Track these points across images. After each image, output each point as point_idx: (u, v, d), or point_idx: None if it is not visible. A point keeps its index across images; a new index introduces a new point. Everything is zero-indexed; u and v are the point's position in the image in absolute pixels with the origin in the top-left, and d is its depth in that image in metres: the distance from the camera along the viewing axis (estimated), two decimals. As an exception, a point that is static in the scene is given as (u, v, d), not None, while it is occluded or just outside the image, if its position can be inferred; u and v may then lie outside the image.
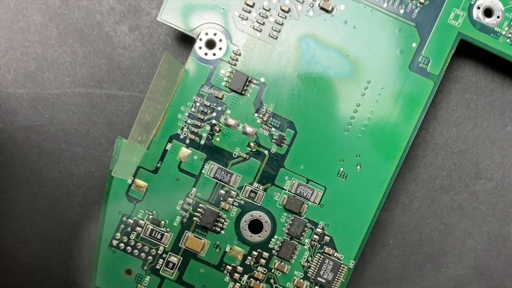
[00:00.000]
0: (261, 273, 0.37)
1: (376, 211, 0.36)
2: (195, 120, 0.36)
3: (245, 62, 0.36)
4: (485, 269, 0.40)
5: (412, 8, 0.36)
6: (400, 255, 0.40)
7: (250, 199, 0.36)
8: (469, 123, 0.39)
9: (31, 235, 0.40)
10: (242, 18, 0.36)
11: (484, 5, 0.36)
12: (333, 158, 0.36)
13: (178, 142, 0.36)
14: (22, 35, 0.39)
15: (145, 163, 0.36)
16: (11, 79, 0.39)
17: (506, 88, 0.39)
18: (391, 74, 0.36)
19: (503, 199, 0.39)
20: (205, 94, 0.36)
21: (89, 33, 0.39)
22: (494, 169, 0.39)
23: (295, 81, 0.36)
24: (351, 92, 0.36)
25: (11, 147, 0.39)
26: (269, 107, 0.36)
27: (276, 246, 0.37)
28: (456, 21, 0.36)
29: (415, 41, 0.36)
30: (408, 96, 0.36)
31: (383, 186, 0.36)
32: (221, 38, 0.36)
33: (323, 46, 0.36)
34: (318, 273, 0.36)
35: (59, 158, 0.40)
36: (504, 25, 0.36)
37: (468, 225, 0.40)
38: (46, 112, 0.39)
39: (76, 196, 0.40)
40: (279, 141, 0.36)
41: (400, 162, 0.36)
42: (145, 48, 0.39)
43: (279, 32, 0.36)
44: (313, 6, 0.36)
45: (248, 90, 0.36)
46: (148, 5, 0.39)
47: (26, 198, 0.40)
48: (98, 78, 0.39)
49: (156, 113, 0.35)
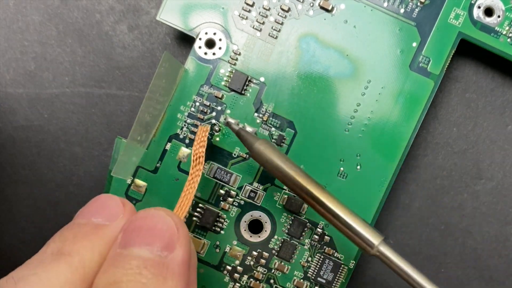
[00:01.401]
0: (261, 273, 0.37)
1: (377, 211, 0.36)
2: (194, 119, 0.36)
3: (245, 62, 0.36)
4: (485, 269, 0.40)
5: (413, 8, 0.36)
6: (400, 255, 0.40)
7: (250, 199, 0.36)
8: (470, 123, 0.39)
9: (31, 235, 0.40)
10: (242, 18, 0.36)
11: (485, 4, 0.36)
12: (333, 158, 0.36)
13: (177, 142, 0.36)
14: (21, 34, 0.39)
15: (144, 163, 0.36)
16: (10, 78, 0.39)
17: (506, 87, 0.39)
18: (392, 74, 0.36)
19: (504, 199, 0.39)
20: (204, 94, 0.36)
21: (89, 32, 0.39)
22: (495, 169, 0.39)
23: (295, 80, 0.36)
24: (351, 92, 0.36)
25: (10, 147, 0.39)
26: (269, 107, 0.36)
27: (276, 246, 0.37)
28: (456, 20, 0.36)
29: (415, 41, 0.36)
30: (408, 95, 0.36)
31: (383, 186, 0.36)
32: (221, 38, 0.36)
33: (323, 45, 0.36)
34: (318, 273, 0.36)
35: (58, 158, 0.39)
36: (504, 25, 0.36)
37: (468, 225, 0.40)
38: (45, 112, 0.39)
39: (76, 196, 0.40)
40: (279, 141, 0.36)
41: (401, 162, 0.36)
42: (144, 48, 0.39)
43: (279, 32, 0.36)
44: (313, 6, 0.36)
45: (248, 89, 0.36)
46: (147, 4, 0.39)
47: (26, 198, 0.40)
48: (98, 78, 0.39)
49: (155, 113, 0.35)
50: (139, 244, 0.26)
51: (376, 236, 0.31)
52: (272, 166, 0.32)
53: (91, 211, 0.28)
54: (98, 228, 0.27)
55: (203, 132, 0.35)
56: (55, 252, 0.25)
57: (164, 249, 0.26)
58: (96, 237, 0.26)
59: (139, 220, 0.27)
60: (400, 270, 0.31)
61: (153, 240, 0.26)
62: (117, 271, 0.25)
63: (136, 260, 0.25)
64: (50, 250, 0.26)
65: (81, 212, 0.28)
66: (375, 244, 0.30)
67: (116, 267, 0.25)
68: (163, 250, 0.26)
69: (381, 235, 0.31)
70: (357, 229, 0.31)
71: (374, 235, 0.31)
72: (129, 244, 0.26)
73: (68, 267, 0.25)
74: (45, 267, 0.24)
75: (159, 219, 0.27)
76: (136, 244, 0.26)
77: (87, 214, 0.28)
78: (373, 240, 0.30)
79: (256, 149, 0.33)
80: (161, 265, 0.25)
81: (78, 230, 0.27)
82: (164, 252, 0.26)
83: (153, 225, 0.27)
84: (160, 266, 0.25)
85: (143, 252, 0.25)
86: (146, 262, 0.25)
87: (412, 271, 0.30)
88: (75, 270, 0.25)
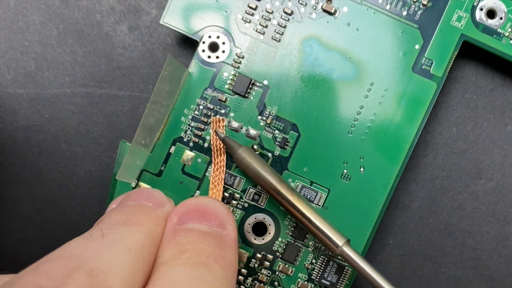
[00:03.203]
0: (265, 276, 0.37)
1: (380, 213, 0.36)
2: (198, 123, 0.36)
3: (248, 65, 0.36)
4: (485, 269, 0.40)
5: (415, 10, 0.36)
6: (400, 255, 0.40)
7: (254, 202, 0.36)
8: (469, 123, 0.39)
9: (31, 235, 0.40)
10: (245, 21, 0.36)
11: (487, 6, 0.36)
12: (336, 160, 0.36)
13: (181, 145, 0.36)
14: (21, 35, 0.39)
15: (149, 166, 0.36)
16: (10, 79, 0.39)
17: (506, 88, 0.39)
18: (394, 76, 0.36)
19: (503, 199, 0.40)
20: (208, 97, 0.36)
21: (89, 33, 0.39)
22: (495, 169, 0.40)
23: (298, 83, 0.36)
24: (354, 94, 0.36)
25: (11, 147, 0.39)
26: (272, 110, 0.36)
27: (280, 248, 0.37)
28: (459, 22, 0.36)
29: (418, 43, 0.36)
30: (411, 98, 0.36)
31: (386, 188, 0.36)
32: (224, 41, 0.36)
33: (326, 48, 0.36)
34: (322, 275, 0.37)
35: (59, 158, 0.39)
36: (507, 26, 0.36)
37: (468, 225, 0.40)
38: (46, 112, 0.39)
39: (76, 196, 0.40)
40: (282, 143, 0.36)
41: (404, 164, 0.36)
42: (144, 48, 0.39)
43: (282, 35, 0.36)
44: (316, 9, 0.36)
45: (252, 92, 0.36)
46: (147, 4, 0.39)
47: (26, 198, 0.40)
48: (98, 78, 0.39)
49: (159, 116, 0.35)
50: (197, 221, 0.29)
51: (341, 238, 0.34)
52: (251, 171, 0.35)
53: (140, 197, 0.30)
54: (154, 209, 0.29)
55: (218, 123, 0.36)
56: (121, 221, 0.27)
57: (218, 226, 0.29)
58: (155, 215, 0.29)
59: (192, 204, 0.30)
60: (360, 269, 0.33)
61: (209, 217, 0.29)
62: (180, 240, 0.27)
63: (196, 232, 0.28)
64: (114, 220, 0.27)
65: (128, 197, 0.30)
66: (339, 244, 0.34)
67: (178, 239, 0.27)
68: (218, 227, 0.29)
69: (345, 238, 0.34)
70: (325, 231, 0.34)
71: (339, 237, 0.34)
72: (186, 221, 0.29)
73: (141, 231, 0.27)
74: (122, 228, 0.26)
75: (210, 203, 0.30)
76: (194, 221, 0.29)
77: (137, 199, 0.30)
78: (338, 242, 0.34)
79: (238, 156, 0.35)
80: (220, 237, 0.28)
81: (135, 208, 0.29)
82: (219, 228, 0.29)
83: (206, 207, 0.30)
84: (218, 238, 0.28)
85: (201, 227, 0.28)
86: (206, 234, 0.28)
87: (370, 270, 0.33)
88: (146, 235, 0.27)
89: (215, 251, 0.27)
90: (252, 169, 0.35)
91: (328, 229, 0.34)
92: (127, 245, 0.25)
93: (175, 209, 0.30)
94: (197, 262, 0.26)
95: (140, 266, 0.25)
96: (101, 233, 0.25)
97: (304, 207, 0.34)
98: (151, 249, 0.27)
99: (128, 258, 0.25)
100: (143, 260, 0.26)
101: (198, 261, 0.26)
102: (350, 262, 0.34)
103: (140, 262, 0.25)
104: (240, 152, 0.35)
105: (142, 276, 0.25)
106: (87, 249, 0.24)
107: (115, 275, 0.23)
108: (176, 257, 0.26)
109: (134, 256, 0.25)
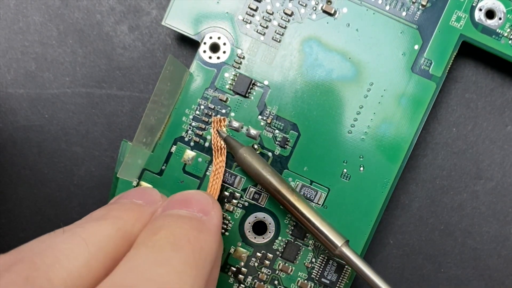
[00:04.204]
0: (265, 275, 0.37)
1: (380, 212, 0.36)
2: (199, 122, 0.36)
3: (249, 65, 0.36)
4: (485, 269, 0.40)
5: (414, 11, 0.36)
6: (400, 255, 0.40)
7: (254, 201, 0.37)
8: (469, 123, 0.40)
9: (31, 235, 0.40)
10: (245, 22, 0.36)
11: (486, 7, 0.36)
12: (336, 159, 0.36)
13: (182, 145, 0.36)
14: (22, 35, 0.39)
15: (150, 166, 0.36)
16: (11, 79, 0.39)
17: (506, 88, 0.39)
18: (394, 76, 0.36)
19: (503, 199, 0.40)
20: (209, 97, 0.36)
21: (89, 33, 0.39)
22: (494, 169, 0.40)
23: (298, 83, 0.36)
24: (354, 94, 0.36)
25: (11, 147, 0.39)
26: (272, 110, 0.36)
27: (280, 247, 0.37)
28: (458, 23, 0.36)
29: (417, 43, 0.36)
30: (410, 98, 0.36)
31: (386, 187, 0.36)
32: (225, 42, 0.36)
33: (326, 49, 0.36)
34: (322, 274, 0.37)
35: (59, 158, 0.39)
36: (506, 27, 0.36)
37: (468, 225, 0.40)
38: (46, 112, 0.39)
39: (76, 196, 0.40)
40: (282, 143, 0.36)
41: (403, 163, 0.36)
42: (145, 48, 0.39)
43: (282, 36, 0.36)
44: (316, 10, 0.36)
45: (252, 92, 0.36)
46: (148, 5, 0.39)
47: (26, 198, 0.40)
48: (98, 78, 0.39)
49: (160, 116, 0.35)
50: (178, 207, 0.29)
51: (340, 239, 0.34)
52: (252, 171, 0.35)
53: (133, 195, 0.30)
54: (141, 205, 0.29)
55: (219, 122, 0.36)
56: (100, 216, 0.27)
57: (200, 211, 0.29)
58: (140, 211, 0.29)
59: (177, 195, 0.30)
60: (359, 270, 0.34)
61: (191, 205, 0.29)
62: (156, 223, 0.27)
63: (174, 216, 0.28)
64: (95, 216, 0.28)
65: (122, 195, 0.31)
66: (338, 245, 0.34)
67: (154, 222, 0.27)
68: (199, 212, 0.29)
69: (344, 238, 0.34)
70: (324, 231, 0.34)
71: (338, 238, 0.34)
72: (169, 208, 0.29)
73: (112, 225, 0.27)
74: (91, 223, 0.26)
75: (195, 194, 0.30)
76: (175, 207, 0.29)
77: (129, 197, 0.30)
78: (337, 242, 0.34)
79: (240, 155, 0.35)
80: (198, 220, 0.28)
81: (121, 205, 0.29)
82: (200, 213, 0.29)
83: (190, 197, 0.30)
84: (196, 220, 0.28)
85: (182, 212, 0.28)
86: (184, 217, 0.28)
87: (369, 271, 0.34)
88: (118, 229, 0.27)
89: (189, 232, 0.27)
90: (253, 168, 0.35)
91: (327, 230, 0.34)
92: (84, 238, 0.25)
93: (163, 203, 0.30)
94: (167, 243, 0.25)
95: (101, 258, 0.25)
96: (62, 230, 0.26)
97: (304, 207, 0.34)
98: (121, 242, 0.26)
99: (82, 251, 0.24)
100: (105, 253, 0.25)
101: (167, 242, 0.26)
102: (349, 263, 0.34)
103: (100, 254, 0.25)
104: (241, 152, 0.35)
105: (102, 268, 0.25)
106: (42, 244, 0.24)
107: (60, 268, 0.23)
108: (147, 238, 0.26)
109: (92, 249, 0.25)
